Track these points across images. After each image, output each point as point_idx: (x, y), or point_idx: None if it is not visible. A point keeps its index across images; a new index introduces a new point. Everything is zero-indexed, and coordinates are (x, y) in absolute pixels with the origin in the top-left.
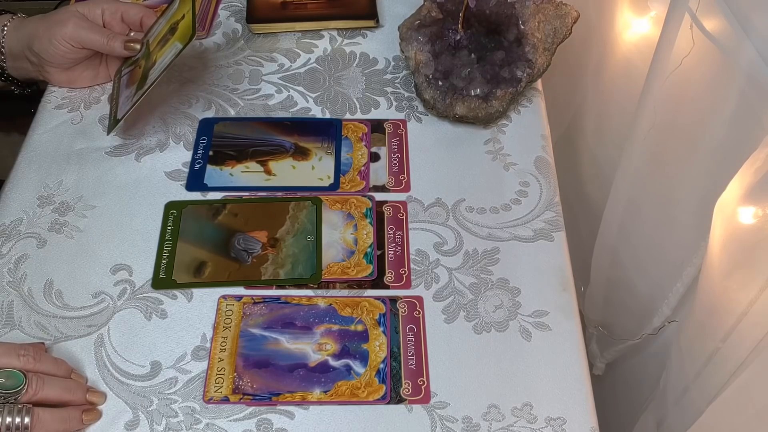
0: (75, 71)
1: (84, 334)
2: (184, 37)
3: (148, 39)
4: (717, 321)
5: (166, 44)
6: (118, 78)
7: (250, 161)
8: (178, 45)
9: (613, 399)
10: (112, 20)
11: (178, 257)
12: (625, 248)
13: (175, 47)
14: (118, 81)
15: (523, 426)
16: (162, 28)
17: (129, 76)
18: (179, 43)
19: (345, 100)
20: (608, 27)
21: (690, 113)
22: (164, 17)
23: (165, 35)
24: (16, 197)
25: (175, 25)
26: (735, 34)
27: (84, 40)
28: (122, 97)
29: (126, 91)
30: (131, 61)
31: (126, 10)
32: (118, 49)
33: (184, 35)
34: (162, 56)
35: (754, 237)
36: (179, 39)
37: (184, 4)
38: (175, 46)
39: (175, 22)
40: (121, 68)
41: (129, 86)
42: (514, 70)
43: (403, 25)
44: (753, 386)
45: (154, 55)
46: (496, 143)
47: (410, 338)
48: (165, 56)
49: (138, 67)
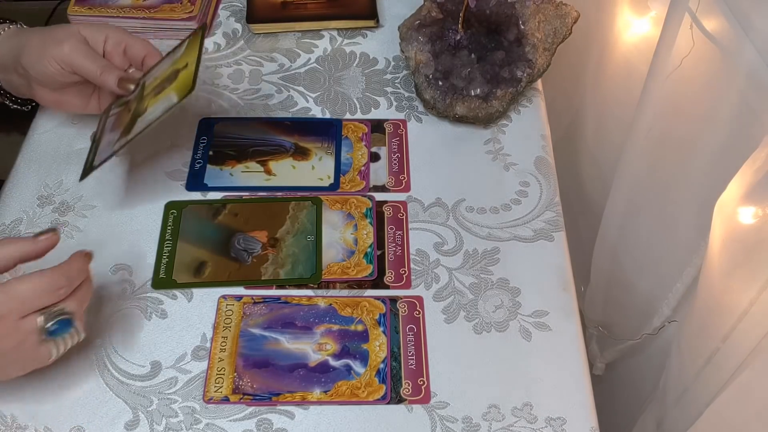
0: (64, 95)
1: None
2: (182, 90)
3: (145, 80)
4: (717, 321)
5: (161, 92)
6: (105, 116)
7: (250, 161)
8: (173, 97)
9: (613, 399)
10: (114, 51)
11: (178, 257)
12: (625, 248)
13: (169, 99)
14: (104, 120)
15: (523, 426)
16: (162, 73)
17: (116, 118)
18: (175, 94)
19: (345, 100)
20: (608, 27)
21: (690, 113)
22: (168, 60)
23: (163, 82)
24: (16, 197)
25: (175, 72)
26: (735, 34)
27: (76, 66)
28: (104, 140)
29: (109, 135)
30: (123, 100)
31: (131, 44)
32: (111, 84)
33: (183, 87)
34: (154, 105)
35: (754, 237)
36: (176, 90)
37: (190, 52)
38: (170, 98)
39: (176, 69)
40: (111, 106)
41: (114, 129)
42: (514, 70)
43: (403, 25)
44: (753, 386)
45: (146, 101)
46: (496, 143)
47: (410, 338)
48: (157, 106)
49: (128, 110)
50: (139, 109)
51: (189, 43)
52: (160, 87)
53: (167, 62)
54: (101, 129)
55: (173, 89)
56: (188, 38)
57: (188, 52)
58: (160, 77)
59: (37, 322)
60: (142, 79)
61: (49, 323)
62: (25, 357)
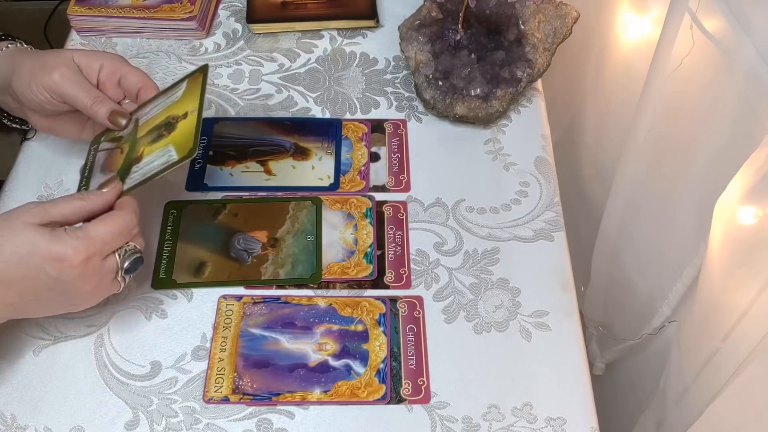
0: (57, 121)
1: (84, 334)
2: (181, 148)
3: (138, 117)
4: (717, 321)
5: (158, 140)
6: (95, 149)
7: (250, 161)
8: (173, 154)
9: (613, 399)
10: (108, 80)
11: (178, 257)
12: (625, 248)
13: (168, 154)
14: (94, 154)
15: (523, 426)
16: (158, 114)
17: (108, 156)
18: (175, 151)
19: (345, 100)
20: (608, 27)
21: (690, 113)
22: (164, 98)
23: (160, 128)
24: (16, 197)
25: (173, 119)
26: (735, 34)
27: (66, 95)
28: (94, 180)
29: (99, 175)
30: (115, 135)
31: (126, 74)
32: (101, 117)
33: (182, 146)
34: (150, 155)
35: (754, 237)
36: (175, 145)
37: (190, 98)
38: (169, 152)
39: (174, 115)
40: (100, 138)
41: (105, 169)
42: (514, 70)
43: (403, 25)
44: (753, 386)
45: (141, 146)
46: (496, 143)
47: (410, 338)
48: (154, 158)
49: (120, 150)
50: (133, 154)
51: (189, 84)
52: (157, 133)
53: (164, 101)
54: (90, 164)
55: (173, 143)
56: (188, 77)
57: (188, 96)
58: (156, 119)
59: (117, 261)
60: (135, 115)
61: (126, 262)
62: (101, 293)
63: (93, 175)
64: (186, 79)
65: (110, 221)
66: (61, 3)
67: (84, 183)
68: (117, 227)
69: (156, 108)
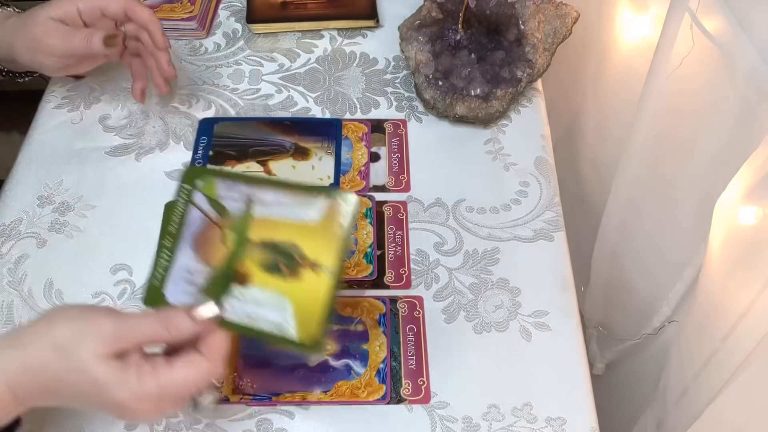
0: (70, 67)
1: None
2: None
3: (251, 198)
4: (717, 321)
5: (273, 273)
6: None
7: (250, 161)
8: (290, 325)
9: (613, 399)
10: (92, 19)
11: None
12: (625, 248)
13: (283, 314)
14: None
15: (523, 426)
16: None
17: (204, 233)
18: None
19: (345, 100)
20: (608, 27)
21: (690, 113)
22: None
23: (279, 254)
24: (16, 197)
25: (301, 258)
26: (735, 34)
27: (65, 51)
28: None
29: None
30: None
31: (105, 6)
32: (98, 47)
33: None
34: (260, 290)
35: (754, 237)
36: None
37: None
38: (284, 313)
39: (302, 253)
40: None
41: (197, 249)
42: (514, 70)
43: (403, 25)
44: (753, 386)
45: (251, 261)
46: (496, 143)
47: (410, 338)
48: (263, 302)
49: (222, 237)
50: (236, 260)
51: (330, 211)
52: (273, 259)
53: (291, 203)
54: (181, 218)
55: (293, 300)
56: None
57: (325, 235)
58: (276, 229)
59: (190, 401)
60: (247, 188)
61: (199, 399)
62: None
63: (180, 244)
64: (329, 196)
65: (193, 370)
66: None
67: (167, 243)
68: (199, 378)
69: (279, 208)
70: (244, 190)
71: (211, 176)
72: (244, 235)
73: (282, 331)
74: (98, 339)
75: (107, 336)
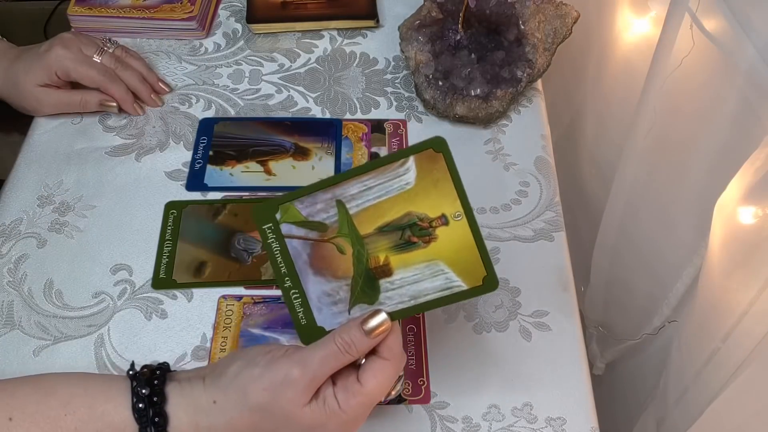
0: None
1: (84, 334)
2: (468, 275)
3: (340, 197)
4: (717, 321)
5: (409, 249)
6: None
7: (250, 161)
8: (455, 279)
9: (613, 399)
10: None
11: (178, 257)
12: (625, 248)
13: (443, 277)
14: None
15: (523, 426)
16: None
17: (317, 251)
18: (455, 275)
19: (345, 100)
20: (608, 27)
21: (690, 113)
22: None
23: (402, 230)
24: (16, 197)
25: (424, 221)
26: (735, 34)
27: (63, 111)
28: (310, 284)
29: (318, 280)
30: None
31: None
32: (93, 109)
33: (467, 270)
34: (408, 270)
35: (754, 237)
36: (453, 267)
37: (438, 191)
38: (444, 273)
39: (420, 215)
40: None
41: (320, 270)
42: (514, 70)
43: (403, 25)
44: (753, 386)
45: (380, 251)
46: (496, 143)
47: (410, 338)
48: (419, 277)
49: (337, 247)
50: (367, 258)
51: (421, 164)
52: (400, 237)
53: (377, 180)
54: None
55: (443, 260)
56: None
57: (432, 187)
58: (384, 213)
59: None
60: (331, 192)
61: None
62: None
63: (303, 276)
64: (411, 155)
65: (382, 377)
66: (61, 3)
67: (288, 284)
68: (390, 381)
69: (371, 192)
70: (325, 197)
71: (285, 203)
72: (356, 234)
73: (452, 290)
74: (294, 391)
75: (301, 386)
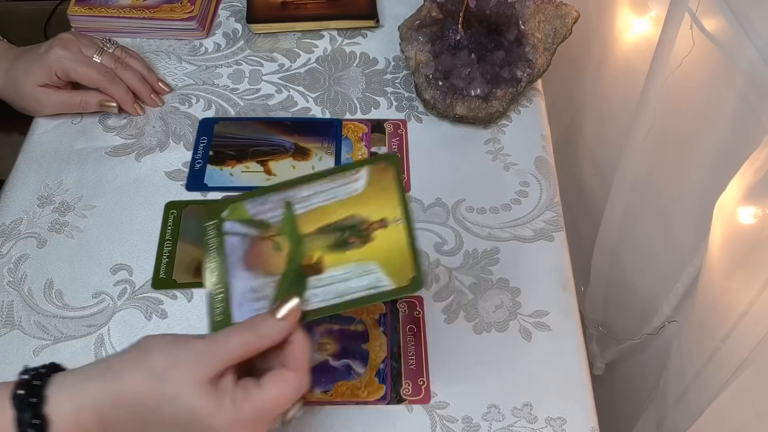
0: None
1: (84, 334)
2: (397, 275)
3: (290, 200)
4: (717, 321)
5: (344, 249)
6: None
7: (250, 161)
8: (383, 279)
9: (613, 399)
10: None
11: (178, 257)
12: (625, 248)
13: (372, 275)
14: (217, 235)
15: (523, 426)
16: (328, 205)
17: (253, 247)
18: (384, 275)
19: (345, 100)
20: (608, 27)
21: (690, 113)
22: (329, 183)
23: (341, 231)
24: (16, 197)
25: (364, 224)
26: (735, 34)
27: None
28: (235, 278)
29: (245, 274)
30: (248, 216)
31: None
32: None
33: (397, 271)
34: (339, 268)
35: (754, 237)
36: (384, 267)
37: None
38: (373, 273)
39: (363, 218)
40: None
41: (251, 266)
42: (514, 70)
43: (403, 25)
44: (753, 386)
45: (315, 249)
46: (496, 143)
47: (410, 338)
48: (348, 275)
49: (274, 244)
50: (301, 256)
51: (373, 174)
52: (338, 237)
53: (330, 186)
54: (216, 250)
55: (376, 260)
56: (367, 164)
57: (379, 194)
58: (328, 214)
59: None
60: (284, 194)
61: (290, 413)
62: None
63: (232, 272)
64: (365, 165)
65: (283, 386)
66: (61, 3)
67: (213, 279)
68: (291, 393)
69: (321, 195)
70: (276, 198)
71: (235, 203)
72: (296, 233)
73: (378, 289)
74: (194, 363)
75: (203, 359)
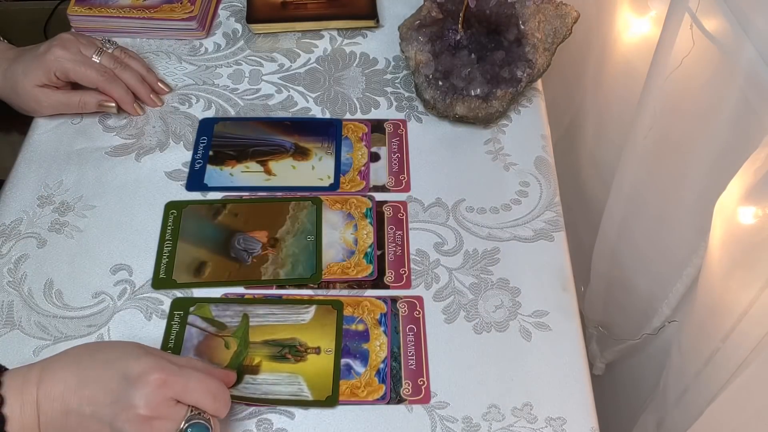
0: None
1: (84, 334)
2: (317, 391)
3: (248, 313)
4: (717, 321)
5: (281, 361)
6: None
7: (250, 161)
8: (305, 391)
9: (613, 399)
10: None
11: (178, 257)
12: (625, 248)
13: (297, 386)
14: (181, 324)
15: (523, 426)
16: (278, 326)
17: (205, 341)
18: (307, 388)
19: (345, 100)
20: (608, 27)
21: (690, 113)
22: (283, 309)
23: (283, 347)
24: (16, 197)
25: (302, 346)
26: (735, 34)
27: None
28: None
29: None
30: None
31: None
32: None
33: (318, 388)
34: (272, 374)
35: (754, 237)
36: (308, 382)
37: (323, 333)
38: (298, 384)
39: (303, 343)
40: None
41: (200, 353)
42: (514, 70)
43: (403, 25)
44: (753, 386)
45: (257, 356)
46: (496, 143)
47: (410, 338)
48: (278, 381)
49: (224, 343)
50: (244, 356)
51: (319, 312)
52: (278, 351)
53: (284, 312)
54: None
55: (303, 375)
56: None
57: (321, 329)
58: (276, 332)
59: (185, 413)
60: (243, 308)
61: (190, 422)
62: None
63: (183, 353)
64: (315, 304)
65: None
66: (61, 3)
67: None
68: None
69: (274, 317)
70: (237, 309)
71: (202, 303)
72: (246, 339)
73: (299, 397)
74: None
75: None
